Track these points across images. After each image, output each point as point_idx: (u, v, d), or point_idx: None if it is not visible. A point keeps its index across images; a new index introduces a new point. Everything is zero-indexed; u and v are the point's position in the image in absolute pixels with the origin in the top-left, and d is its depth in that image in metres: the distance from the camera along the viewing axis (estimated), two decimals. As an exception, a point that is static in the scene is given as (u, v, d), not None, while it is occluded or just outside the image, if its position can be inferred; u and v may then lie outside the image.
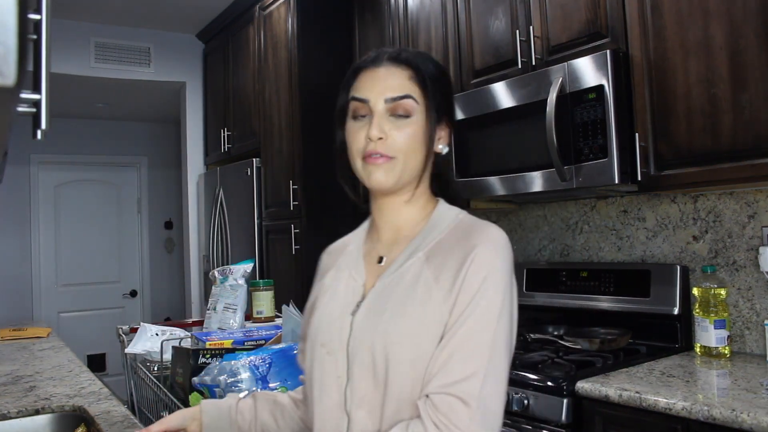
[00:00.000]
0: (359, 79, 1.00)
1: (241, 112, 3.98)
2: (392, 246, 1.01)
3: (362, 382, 0.91)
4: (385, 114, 0.96)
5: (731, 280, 1.99)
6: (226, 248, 4.00)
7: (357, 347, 0.92)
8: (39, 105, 0.56)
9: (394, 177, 0.95)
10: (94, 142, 5.66)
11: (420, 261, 0.94)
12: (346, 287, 1.01)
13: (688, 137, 1.78)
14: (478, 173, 2.33)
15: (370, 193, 1.03)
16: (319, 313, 1.01)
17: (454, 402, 0.82)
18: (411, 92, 0.96)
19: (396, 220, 1.02)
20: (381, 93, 0.96)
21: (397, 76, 0.97)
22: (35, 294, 5.33)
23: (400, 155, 0.95)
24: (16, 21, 0.39)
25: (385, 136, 0.94)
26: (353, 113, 0.98)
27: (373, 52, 1.02)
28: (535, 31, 2.21)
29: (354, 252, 1.05)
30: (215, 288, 2.11)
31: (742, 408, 1.38)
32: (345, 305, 0.98)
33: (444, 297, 0.89)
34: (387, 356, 0.88)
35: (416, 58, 1.00)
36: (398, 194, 1.00)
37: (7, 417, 1.58)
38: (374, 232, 1.05)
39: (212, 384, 1.37)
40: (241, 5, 3.93)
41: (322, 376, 0.96)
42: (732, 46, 1.67)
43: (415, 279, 0.92)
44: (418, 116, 0.97)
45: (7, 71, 0.39)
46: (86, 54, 4.20)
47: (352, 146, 0.98)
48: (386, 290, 0.94)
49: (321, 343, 0.97)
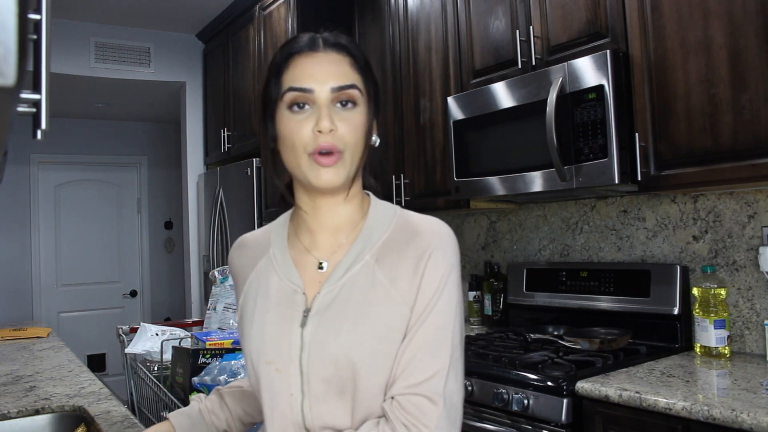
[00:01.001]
0: (294, 65, 0.90)
1: (241, 112, 3.98)
2: (330, 249, 0.94)
3: (323, 396, 0.86)
4: (331, 104, 0.88)
5: (731, 280, 1.99)
6: (226, 248, 4.00)
7: (314, 361, 0.86)
8: (39, 105, 0.56)
9: (344, 174, 0.89)
10: (94, 142, 5.66)
11: (369, 264, 0.89)
12: (281, 296, 0.93)
13: (688, 137, 1.78)
14: (478, 173, 2.33)
15: (298, 190, 0.95)
16: (256, 327, 0.93)
17: (421, 401, 0.82)
18: (355, 81, 0.90)
19: (334, 220, 0.94)
20: (324, 81, 0.88)
21: (339, 63, 0.90)
22: (35, 294, 5.33)
23: (348, 149, 0.88)
24: (16, 21, 0.39)
25: (335, 128, 0.87)
26: (290, 103, 0.89)
27: (303, 36, 0.93)
28: (535, 31, 2.21)
29: (279, 256, 0.96)
30: (215, 288, 2.11)
31: (742, 408, 1.39)
32: (287, 317, 0.91)
33: (403, 298, 0.87)
34: (354, 366, 0.84)
35: (351, 44, 0.93)
36: (338, 192, 0.92)
37: (7, 417, 1.58)
38: (303, 234, 0.96)
39: (212, 384, 1.37)
40: (241, 5, 3.93)
41: (271, 395, 0.89)
42: (732, 46, 1.67)
43: (369, 283, 0.88)
44: (361, 106, 0.90)
45: (7, 71, 0.39)
46: (86, 54, 4.20)
47: (295, 141, 0.88)
48: (339, 298, 0.89)
49: (266, 361, 0.89)
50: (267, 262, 0.97)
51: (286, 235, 0.99)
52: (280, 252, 0.97)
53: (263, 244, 1.01)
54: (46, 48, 0.56)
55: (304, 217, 0.96)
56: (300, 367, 0.87)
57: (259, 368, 0.90)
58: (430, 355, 0.84)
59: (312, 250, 0.95)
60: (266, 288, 0.95)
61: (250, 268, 1.00)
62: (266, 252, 0.99)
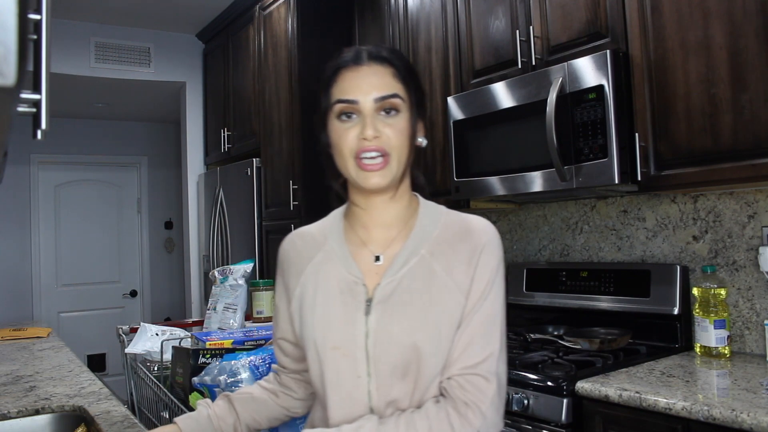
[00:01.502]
0: (341, 78, 1.00)
1: (241, 112, 3.98)
2: (384, 243, 1.03)
3: (388, 378, 0.95)
4: (375, 113, 0.98)
5: (731, 280, 1.99)
6: (226, 248, 4.00)
7: (380, 346, 0.95)
8: (39, 105, 0.56)
9: (390, 176, 0.99)
10: (95, 142, 5.66)
11: (425, 257, 0.99)
12: (342, 287, 1.01)
13: (688, 137, 1.78)
14: (478, 173, 2.33)
15: (352, 189, 1.05)
16: (319, 316, 1.01)
17: (478, 380, 0.94)
18: (396, 90, 0.99)
19: (386, 216, 1.04)
20: (368, 92, 0.98)
21: (381, 75, 1.00)
22: (35, 294, 5.33)
23: (394, 152, 0.98)
24: (16, 21, 0.39)
25: (379, 134, 0.97)
26: (338, 113, 0.99)
27: (349, 50, 1.03)
28: (535, 31, 2.21)
29: (338, 249, 1.05)
30: (215, 288, 2.11)
31: (742, 408, 1.39)
32: (350, 306, 0.99)
33: (459, 287, 0.97)
34: (419, 350, 0.94)
35: (392, 55, 1.02)
36: (386, 191, 1.02)
37: (7, 417, 1.58)
38: (358, 228, 1.06)
39: (212, 384, 1.37)
40: (241, 5, 3.93)
41: (337, 377, 0.97)
42: (732, 45, 1.67)
43: (427, 274, 0.98)
44: (404, 113, 1.00)
45: (7, 71, 0.39)
46: (86, 54, 4.20)
47: (343, 147, 0.98)
48: (400, 288, 0.98)
49: (333, 346, 0.98)
50: (325, 256, 1.06)
51: (342, 230, 1.08)
52: (338, 245, 1.06)
53: (318, 239, 1.09)
54: (46, 48, 0.56)
55: (358, 214, 1.06)
56: (366, 351, 0.96)
57: (325, 354, 0.98)
58: (484, 339, 0.96)
59: (368, 243, 1.04)
60: (326, 279, 1.03)
61: (306, 260, 1.07)
62: (322, 246, 1.07)
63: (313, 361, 1.01)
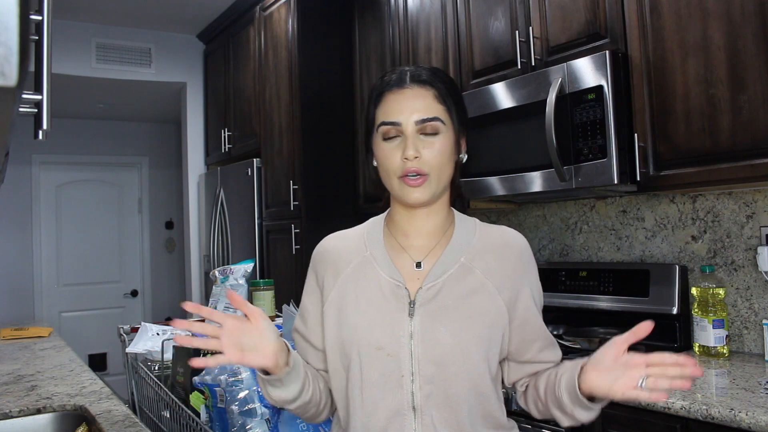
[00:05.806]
0: (386, 101, 1.07)
1: (242, 112, 3.99)
2: (424, 251, 1.08)
3: (431, 377, 0.99)
4: (416, 134, 1.04)
5: (730, 280, 2.00)
6: (226, 248, 4.00)
7: (425, 347, 0.99)
8: (40, 105, 0.56)
9: (429, 193, 1.04)
10: (96, 143, 5.67)
11: (465, 265, 1.05)
12: (385, 291, 1.05)
13: (686, 137, 1.78)
14: (477, 173, 2.34)
15: (394, 201, 1.12)
16: (362, 318, 1.04)
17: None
18: (438, 113, 1.05)
19: (426, 226, 1.10)
20: (410, 115, 1.03)
21: (423, 98, 1.05)
22: (36, 294, 5.33)
23: (433, 171, 1.04)
24: (18, 22, 0.40)
25: (419, 155, 1.02)
26: (384, 135, 1.05)
27: (393, 73, 1.08)
28: (534, 31, 2.22)
29: (379, 255, 1.09)
30: (216, 288, 2.11)
31: (741, 407, 1.39)
32: (394, 309, 1.03)
33: (499, 292, 1.04)
34: (462, 350, 0.99)
35: (434, 77, 1.07)
36: (427, 205, 1.08)
37: (8, 416, 1.59)
38: (399, 236, 1.11)
39: (213, 383, 1.37)
40: (242, 6, 3.93)
41: (381, 378, 1.00)
42: (730, 46, 1.68)
43: (470, 281, 1.04)
44: (445, 133, 1.05)
45: (8, 72, 0.40)
46: (87, 54, 4.20)
47: (387, 166, 1.05)
48: (442, 292, 1.03)
49: (377, 347, 1.01)
50: (365, 261, 1.09)
51: (382, 237, 1.12)
52: (379, 252, 1.10)
53: (357, 244, 1.13)
54: (47, 49, 0.56)
55: (400, 222, 1.12)
56: (410, 351, 1.00)
57: (367, 353, 1.02)
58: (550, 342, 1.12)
59: (408, 250, 1.09)
60: (366, 283, 1.07)
61: (345, 264, 1.10)
62: (361, 251, 1.11)
63: (355, 362, 1.02)
